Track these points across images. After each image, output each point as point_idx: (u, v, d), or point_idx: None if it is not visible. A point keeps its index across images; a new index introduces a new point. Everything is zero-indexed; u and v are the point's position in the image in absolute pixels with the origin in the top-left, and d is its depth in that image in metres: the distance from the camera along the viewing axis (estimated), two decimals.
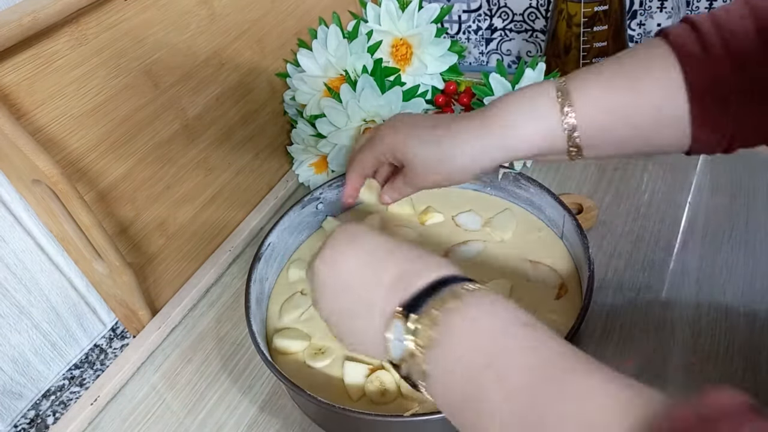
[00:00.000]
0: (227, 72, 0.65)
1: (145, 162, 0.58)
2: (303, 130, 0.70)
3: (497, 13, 0.87)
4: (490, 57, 0.92)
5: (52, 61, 0.48)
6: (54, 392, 0.58)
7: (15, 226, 0.53)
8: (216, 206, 0.67)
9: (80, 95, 0.51)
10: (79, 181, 0.52)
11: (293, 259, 0.59)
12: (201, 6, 0.61)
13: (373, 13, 0.67)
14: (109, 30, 0.52)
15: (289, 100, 0.72)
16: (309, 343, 0.50)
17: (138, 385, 0.56)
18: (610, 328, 0.52)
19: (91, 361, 0.61)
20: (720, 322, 0.51)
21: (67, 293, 0.58)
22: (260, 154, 0.73)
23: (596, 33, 0.64)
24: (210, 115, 0.64)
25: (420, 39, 0.66)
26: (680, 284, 0.55)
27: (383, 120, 0.61)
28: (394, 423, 0.41)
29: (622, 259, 0.58)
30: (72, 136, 0.51)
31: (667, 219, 0.61)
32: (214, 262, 0.66)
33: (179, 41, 0.59)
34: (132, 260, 0.57)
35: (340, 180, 0.61)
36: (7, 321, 0.53)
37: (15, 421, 0.56)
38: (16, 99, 0.46)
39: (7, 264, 0.53)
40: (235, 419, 0.51)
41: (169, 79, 0.59)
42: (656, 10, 0.78)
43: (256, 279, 0.52)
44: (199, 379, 0.55)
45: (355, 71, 0.65)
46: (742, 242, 0.57)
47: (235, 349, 0.58)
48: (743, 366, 0.47)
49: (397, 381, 0.46)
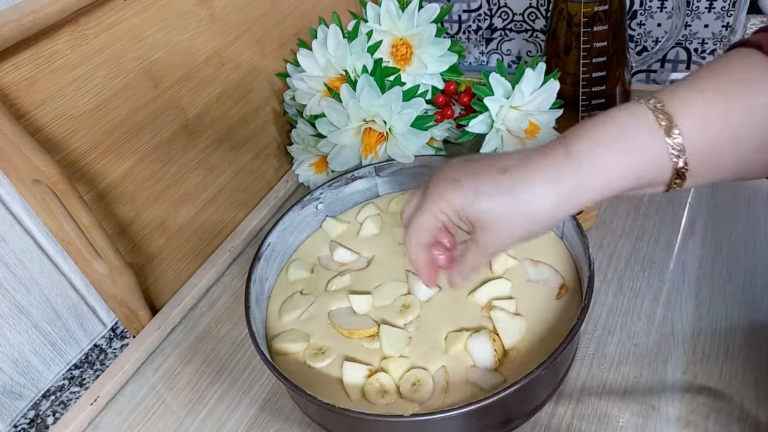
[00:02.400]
0: (227, 72, 0.65)
1: (145, 162, 0.58)
2: (303, 130, 0.70)
3: (497, 13, 0.87)
4: (490, 57, 0.92)
5: (52, 61, 0.48)
6: (54, 392, 0.58)
7: (15, 225, 0.53)
8: (216, 206, 0.67)
9: (80, 95, 0.51)
10: (79, 181, 0.52)
11: (293, 259, 0.59)
12: (201, 6, 0.61)
13: (373, 13, 0.67)
14: (109, 30, 0.52)
15: (289, 100, 0.72)
16: (309, 343, 0.50)
17: (138, 385, 0.56)
18: (610, 328, 0.52)
19: (91, 361, 0.61)
20: (720, 322, 0.51)
21: (67, 293, 0.58)
22: (260, 154, 0.73)
23: (596, 33, 0.64)
24: (210, 115, 0.64)
25: (420, 39, 0.66)
26: (680, 284, 0.55)
27: (384, 121, 0.61)
28: (394, 423, 0.41)
29: (622, 259, 0.58)
30: (72, 136, 0.51)
31: (667, 219, 0.61)
32: (214, 262, 0.66)
33: (179, 41, 0.59)
34: (132, 260, 0.57)
35: (340, 180, 0.61)
36: (6, 321, 0.53)
37: (15, 421, 0.56)
38: (16, 99, 0.46)
39: (7, 264, 0.53)
40: (235, 419, 0.51)
41: (169, 79, 0.59)
42: (656, 10, 0.78)
43: (256, 279, 0.52)
44: (199, 379, 0.55)
45: (355, 71, 0.65)
46: (742, 242, 0.57)
47: (234, 349, 0.58)
48: (743, 366, 0.47)
49: (396, 381, 0.46)
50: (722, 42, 0.77)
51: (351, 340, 0.49)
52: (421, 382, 0.45)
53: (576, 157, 0.37)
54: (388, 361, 0.47)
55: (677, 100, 0.36)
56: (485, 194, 0.38)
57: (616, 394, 0.47)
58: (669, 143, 0.36)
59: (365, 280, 0.54)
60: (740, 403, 0.45)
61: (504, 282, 0.51)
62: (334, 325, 0.51)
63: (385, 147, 0.63)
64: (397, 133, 0.61)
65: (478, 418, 0.41)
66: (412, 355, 0.47)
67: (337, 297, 0.53)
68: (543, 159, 0.38)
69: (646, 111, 0.37)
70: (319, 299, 0.53)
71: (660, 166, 0.36)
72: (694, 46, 0.78)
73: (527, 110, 0.63)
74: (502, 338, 0.47)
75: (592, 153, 0.37)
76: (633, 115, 0.37)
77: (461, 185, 0.39)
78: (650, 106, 0.37)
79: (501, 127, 0.63)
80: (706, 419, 0.44)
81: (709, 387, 0.46)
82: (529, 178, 0.38)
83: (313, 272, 0.57)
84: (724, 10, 0.74)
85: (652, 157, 0.36)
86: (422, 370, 0.46)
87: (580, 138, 0.37)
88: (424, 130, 0.62)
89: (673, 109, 0.36)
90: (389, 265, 0.55)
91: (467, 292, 0.51)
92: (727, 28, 0.75)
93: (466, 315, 0.49)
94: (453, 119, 0.70)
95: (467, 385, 0.45)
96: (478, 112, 0.63)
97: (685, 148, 0.36)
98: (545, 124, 0.65)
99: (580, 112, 0.70)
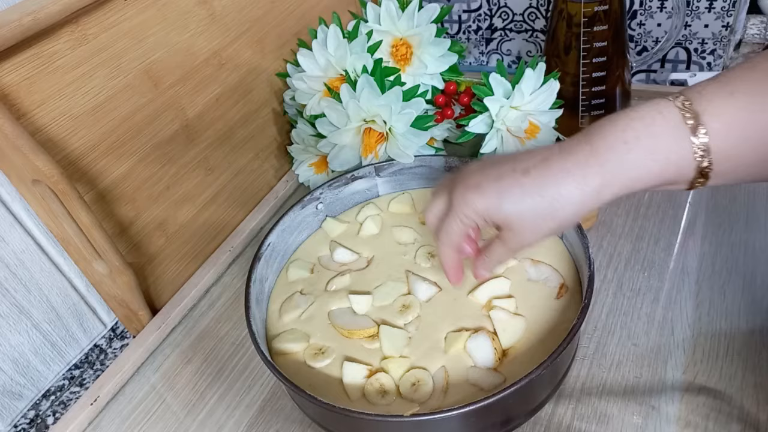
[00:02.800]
0: (227, 72, 0.65)
1: (145, 162, 0.58)
2: (303, 130, 0.70)
3: (497, 13, 0.87)
4: (490, 57, 0.92)
5: (52, 61, 0.48)
6: (54, 392, 0.58)
7: (15, 226, 0.53)
8: (216, 206, 0.67)
9: (80, 95, 0.51)
10: (79, 181, 0.52)
11: (293, 259, 0.59)
12: (201, 6, 0.61)
13: (373, 13, 0.67)
14: (109, 30, 0.52)
15: (289, 100, 0.72)
16: (308, 343, 0.50)
17: (138, 385, 0.56)
18: (610, 328, 0.52)
19: (91, 361, 0.61)
20: (720, 322, 0.51)
21: (67, 293, 0.58)
22: (260, 154, 0.73)
23: (596, 33, 0.64)
24: (210, 115, 0.64)
25: (420, 39, 0.66)
26: (680, 284, 0.55)
27: (384, 121, 0.61)
28: (394, 423, 0.41)
29: (622, 259, 0.58)
30: (72, 136, 0.51)
31: (667, 219, 0.61)
32: (214, 262, 0.66)
33: (179, 41, 0.59)
34: (132, 260, 0.57)
35: (340, 180, 0.61)
36: (7, 321, 0.53)
37: (15, 421, 0.56)
38: (16, 99, 0.46)
39: (7, 264, 0.53)
40: (235, 419, 0.51)
41: (169, 79, 0.59)
42: (656, 10, 0.78)
43: (256, 279, 0.52)
44: (199, 379, 0.55)
45: (355, 71, 0.65)
46: (742, 242, 0.57)
47: (235, 349, 0.58)
48: (743, 366, 0.47)
49: (396, 381, 0.46)
50: (722, 42, 0.77)
51: (351, 340, 0.49)
52: (421, 382, 0.45)
53: (601, 156, 0.37)
54: (388, 361, 0.47)
55: (706, 99, 0.36)
56: (510, 198, 0.39)
57: (615, 394, 0.47)
58: (695, 143, 0.36)
59: (365, 280, 0.54)
60: (740, 403, 0.45)
61: (504, 281, 0.51)
62: (334, 325, 0.51)
63: (385, 147, 0.63)
64: (397, 133, 0.61)
65: (478, 418, 0.41)
66: (412, 355, 0.47)
67: (337, 297, 0.53)
68: (566, 158, 0.38)
69: (673, 109, 0.36)
70: (319, 299, 0.53)
71: (684, 165, 0.36)
72: (694, 46, 0.78)
73: (527, 110, 0.63)
74: (502, 338, 0.47)
75: (617, 151, 0.36)
76: (660, 113, 0.36)
77: (485, 190, 0.40)
78: (678, 104, 0.36)
79: (501, 127, 0.63)
80: (706, 419, 0.44)
81: (708, 387, 0.46)
82: (553, 178, 0.38)
83: (313, 272, 0.57)
84: (724, 10, 0.74)
85: (677, 157, 0.36)
86: (422, 370, 0.46)
87: (605, 136, 0.37)
88: (424, 130, 0.62)
89: (702, 108, 0.36)
90: (389, 265, 0.55)
91: (467, 291, 0.51)
92: (727, 28, 0.75)
93: (466, 315, 0.49)
94: (453, 119, 0.70)
95: (467, 385, 0.45)
96: (478, 112, 0.63)
97: (711, 149, 0.36)
98: (545, 124, 0.65)
99: (580, 112, 0.70)
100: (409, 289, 0.52)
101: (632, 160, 0.36)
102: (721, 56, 0.78)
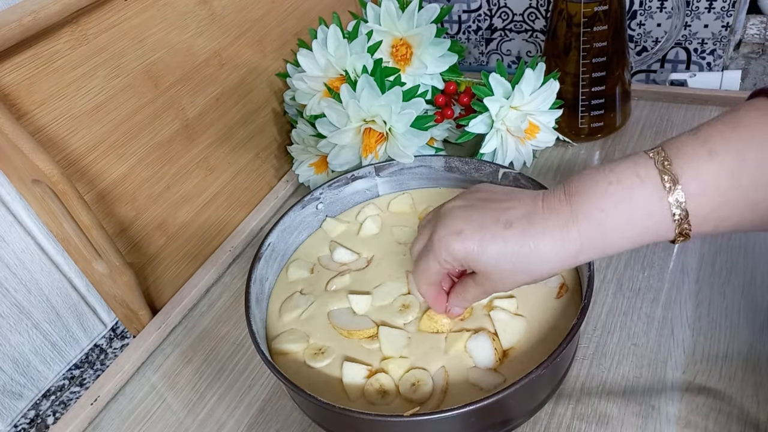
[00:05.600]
0: (227, 72, 0.65)
1: (145, 162, 0.58)
2: (303, 130, 0.70)
3: (497, 14, 0.87)
4: (490, 57, 0.92)
5: (52, 61, 0.48)
6: (54, 392, 0.58)
7: (15, 225, 0.53)
8: (216, 206, 0.67)
9: (80, 95, 0.51)
10: (79, 181, 0.52)
11: (293, 259, 0.59)
12: (201, 6, 0.61)
13: (373, 13, 0.67)
14: (109, 30, 0.52)
15: (289, 100, 0.72)
16: (308, 343, 0.50)
17: (138, 385, 0.56)
18: (610, 328, 0.52)
19: (91, 361, 0.61)
20: (720, 322, 0.51)
21: (67, 293, 0.58)
22: (260, 154, 0.73)
23: (596, 33, 0.64)
24: (210, 115, 0.64)
25: (420, 39, 0.66)
26: (680, 284, 0.55)
27: (384, 121, 0.61)
28: (394, 423, 0.41)
29: (622, 259, 0.58)
30: (72, 136, 0.51)
31: None
32: (214, 262, 0.66)
33: (179, 41, 0.59)
34: (132, 260, 0.57)
35: (340, 180, 0.61)
36: (7, 321, 0.53)
37: (15, 421, 0.56)
38: (16, 99, 0.46)
39: (7, 264, 0.53)
40: (235, 419, 0.51)
41: (169, 79, 0.59)
42: (656, 10, 0.78)
43: (256, 279, 0.52)
44: (199, 379, 0.55)
45: (355, 71, 0.65)
46: (742, 242, 0.57)
47: (234, 349, 0.58)
48: (743, 366, 0.47)
49: (396, 381, 0.46)
50: (722, 42, 0.77)
51: (351, 340, 0.50)
52: (421, 383, 0.45)
53: (579, 223, 0.38)
54: (388, 361, 0.47)
55: (685, 160, 0.36)
56: (490, 249, 0.40)
57: (615, 394, 0.47)
58: (672, 206, 0.36)
59: (365, 280, 0.54)
60: (740, 403, 0.45)
61: None
62: (333, 325, 0.51)
63: (385, 147, 0.63)
64: (397, 133, 0.61)
65: (478, 418, 0.41)
66: (411, 355, 0.47)
67: (337, 297, 0.53)
68: (548, 217, 0.39)
69: (652, 171, 0.36)
70: (319, 299, 0.53)
71: (663, 228, 0.37)
72: (693, 46, 0.79)
73: (527, 110, 0.63)
74: (503, 338, 0.47)
75: (594, 220, 0.37)
76: (638, 176, 0.36)
77: (466, 239, 0.40)
78: (658, 166, 0.36)
79: (501, 127, 0.63)
80: (706, 419, 0.44)
81: (708, 387, 0.46)
82: (534, 236, 0.39)
83: (313, 272, 0.57)
84: (724, 10, 0.74)
85: (654, 222, 0.37)
86: (422, 371, 0.46)
87: (583, 202, 0.38)
88: (424, 130, 0.62)
89: (681, 170, 0.35)
90: (389, 265, 0.55)
91: None
92: (727, 28, 0.75)
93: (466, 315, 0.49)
94: (453, 119, 0.70)
95: (467, 386, 0.45)
96: (478, 112, 0.63)
97: (690, 212, 0.36)
98: (545, 124, 0.65)
99: (580, 112, 0.70)
100: (408, 289, 0.53)
101: (609, 228, 0.37)
102: (721, 56, 0.78)
